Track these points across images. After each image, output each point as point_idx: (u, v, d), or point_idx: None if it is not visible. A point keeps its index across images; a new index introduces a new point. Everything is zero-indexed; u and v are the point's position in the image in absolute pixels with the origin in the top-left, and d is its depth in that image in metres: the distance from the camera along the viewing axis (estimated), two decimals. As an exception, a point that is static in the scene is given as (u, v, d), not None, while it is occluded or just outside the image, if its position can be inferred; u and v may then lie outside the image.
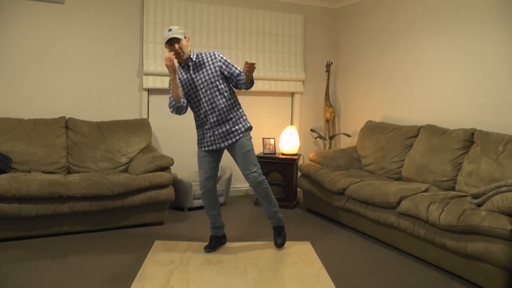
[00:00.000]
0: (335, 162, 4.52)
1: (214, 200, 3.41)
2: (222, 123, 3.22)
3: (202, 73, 3.20)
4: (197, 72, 3.21)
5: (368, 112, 5.17)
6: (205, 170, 3.32)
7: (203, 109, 3.22)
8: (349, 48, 5.53)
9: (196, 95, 3.22)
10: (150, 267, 3.06)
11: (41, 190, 3.44)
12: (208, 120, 3.22)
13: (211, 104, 3.19)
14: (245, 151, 3.27)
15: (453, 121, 4.00)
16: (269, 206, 3.42)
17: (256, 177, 3.30)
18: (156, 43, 4.71)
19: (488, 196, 2.90)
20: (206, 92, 3.19)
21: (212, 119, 3.21)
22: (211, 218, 3.43)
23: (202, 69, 3.20)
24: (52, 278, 2.85)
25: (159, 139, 4.88)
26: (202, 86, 3.19)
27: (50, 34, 4.34)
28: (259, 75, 5.15)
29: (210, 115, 3.20)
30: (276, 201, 3.47)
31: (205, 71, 3.19)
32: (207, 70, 3.19)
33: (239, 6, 5.12)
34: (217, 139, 3.25)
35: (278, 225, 3.51)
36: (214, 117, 3.20)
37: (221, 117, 3.21)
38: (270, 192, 3.41)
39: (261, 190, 3.35)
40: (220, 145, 3.26)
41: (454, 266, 2.96)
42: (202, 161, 3.32)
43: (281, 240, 3.47)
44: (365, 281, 2.92)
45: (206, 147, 3.28)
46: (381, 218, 3.50)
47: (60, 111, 4.37)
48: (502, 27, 3.60)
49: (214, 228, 3.47)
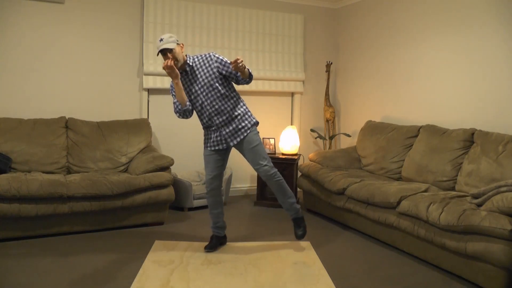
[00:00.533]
0: (335, 162, 4.52)
1: (218, 199, 3.41)
2: (228, 122, 3.22)
3: (200, 77, 3.17)
4: (195, 77, 3.19)
5: (368, 112, 5.17)
6: (211, 168, 3.32)
7: (206, 112, 3.21)
8: (349, 48, 5.53)
9: (198, 100, 3.21)
10: (150, 267, 3.06)
11: (41, 190, 3.44)
12: (214, 122, 3.22)
13: (213, 106, 3.18)
14: (253, 146, 3.25)
15: (453, 121, 4.00)
16: (284, 198, 3.37)
17: (268, 170, 3.26)
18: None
19: (488, 196, 2.90)
20: (207, 95, 3.18)
21: (217, 120, 3.20)
22: (214, 217, 3.44)
23: (200, 72, 3.18)
24: (52, 278, 2.85)
25: (159, 139, 4.88)
26: (202, 90, 3.18)
27: (50, 34, 4.34)
28: (259, 75, 5.15)
29: (214, 117, 3.20)
30: (291, 193, 3.40)
31: (203, 74, 3.17)
32: (205, 73, 3.17)
33: (239, 6, 5.12)
34: (224, 139, 3.25)
35: (297, 216, 3.44)
36: (219, 118, 3.20)
37: (226, 117, 3.20)
38: (284, 183, 3.35)
39: (274, 183, 3.30)
40: (228, 144, 3.25)
41: (454, 266, 2.96)
42: (208, 159, 3.32)
43: (301, 232, 3.40)
44: (365, 281, 2.92)
45: (213, 147, 3.28)
46: (381, 218, 3.50)
47: (60, 111, 4.37)
48: (502, 27, 3.60)
49: (216, 228, 3.47)
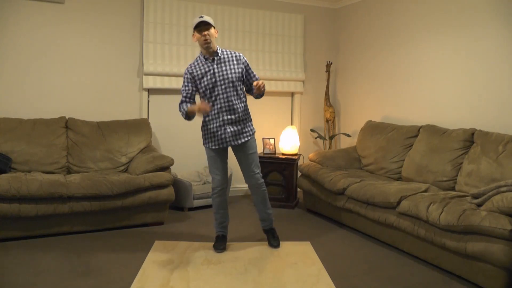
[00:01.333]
0: (335, 162, 4.52)
1: (225, 198, 3.46)
2: (236, 122, 3.25)
3: (224, 70, 3.21)
4: (220, 67, 3.21)
5: (368, 112, 5.17)
6: (219, 168, 3.37)
7: (218, 105, 3.22)
8: (349, 48, 5.53)
9: (214, 90, 3.21)
10: (150, 267, 3.06)
11: (41, 190, 3.44)
12: (221, 117, 3.23)
13: (227, 102, 3.21)
14: (252, 152, 3.35)
15: (453, 121, 4.00)
16: (264, 208, 3.51)
17: (259, 178, 3.40)
18: (156, 43, 4.71)
19: (488, 196, 2.90)
20: (225, 89, 3.20)
21: (226, 116, 3.22)
22: (220, 216, 3.46)
23: (226, 65, 3.21)
24: (52, 278, 2.85)
25: (159, 139, 4.88)
26: (222, 82, 3.20)
27: (50, 34, 4.34)
28: (259, 75, 5.15)
29: (224, 113, 3.22)
30: (270, 204, 3.57)
31: (228, 69, 3.21)
32: (230, 68, 3.21)
33: (239, 6, 5.12)
34: (228, 137, 3.26)
35: (271, 227, 3.60)
36: (228, 115, 3.22)
37: (235, 117, 3.24)
38: (267, 195, 3.52)
39: (260, 192, 3.45)
40: (231, 143, 3.28)
41: (454, 266, 2.96)
42: (215, 160, 3.35)
43: (276, 242, 3.54)
44: (365, 281, 2.92)
45: (217, 145, 3.29)
46: (381, 218, 3.50)
47: (60, 111, 4.37)
48: (502, 27, 3.60)
49: (222, 228, 3.49)
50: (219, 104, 3.21)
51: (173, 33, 4.79)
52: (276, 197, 4.77)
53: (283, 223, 4.15)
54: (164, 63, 4.75)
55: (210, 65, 3.21)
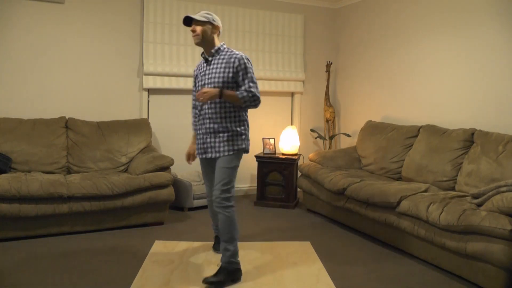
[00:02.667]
0: (335, 162, 4.52)
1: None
2: (213, 132, 2.88)
3: (214, 73, 2.87)
4: (210, 70, 2.90)
5: (368, 112, 5.17)
6: (208, 179, 3.13)
7: (203, 110, 2.91)
8: (349, 48, 5.53)
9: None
10: (150, 267, 3.06)
11: (41, 190, 3.44)
12: (204, 124, 2.92)
13: (211, 109, 2.86)
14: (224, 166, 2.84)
15: (453, 121, 4.00)
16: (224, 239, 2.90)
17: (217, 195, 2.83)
18: (156, 43, 4.71)
19: (488, 196, 2.90)
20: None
21: (209, 125, 2.88)
22: (216, 220, 3.33)
23: (215, 68, 2.87)
24: (52, 278, 2.85)
25: (159, 139, 4.88)
26: (208, 86, 2.87)
27: (50, 34, 4.34)
28: (259, 75, 5.15)
29: (207, 120, 2.89)
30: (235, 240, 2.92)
31: (217, 72, 2.85)
32: (218, 71, 2.85)
33: (239, 6, 5.12)
34: (204, 148, 2.94)
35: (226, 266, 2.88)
36: (210, 124, 2.87)
37: (216, 126, 2.86)
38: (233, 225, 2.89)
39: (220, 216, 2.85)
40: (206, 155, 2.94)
41: (454, 266, 2.96)
42: (204, 170, 3.15)
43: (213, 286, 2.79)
44: (365, 281, 2.92)
45: (199, 155, 3.03)
46: (381, 218, 3.50)
47: (60, 111, 4.37)
48: (502, 27, 3.60)
49: (219, 230, 3.44)
50: (203, 110, 2.90)
51: (173, 33, 4.79)
52: (276, 197, 4.77)
53: (283, 223, 4.15)
54: (164, 63, 4.75)
55: (205, 65, 2.97)
